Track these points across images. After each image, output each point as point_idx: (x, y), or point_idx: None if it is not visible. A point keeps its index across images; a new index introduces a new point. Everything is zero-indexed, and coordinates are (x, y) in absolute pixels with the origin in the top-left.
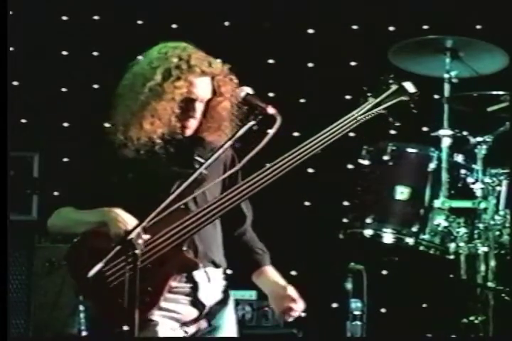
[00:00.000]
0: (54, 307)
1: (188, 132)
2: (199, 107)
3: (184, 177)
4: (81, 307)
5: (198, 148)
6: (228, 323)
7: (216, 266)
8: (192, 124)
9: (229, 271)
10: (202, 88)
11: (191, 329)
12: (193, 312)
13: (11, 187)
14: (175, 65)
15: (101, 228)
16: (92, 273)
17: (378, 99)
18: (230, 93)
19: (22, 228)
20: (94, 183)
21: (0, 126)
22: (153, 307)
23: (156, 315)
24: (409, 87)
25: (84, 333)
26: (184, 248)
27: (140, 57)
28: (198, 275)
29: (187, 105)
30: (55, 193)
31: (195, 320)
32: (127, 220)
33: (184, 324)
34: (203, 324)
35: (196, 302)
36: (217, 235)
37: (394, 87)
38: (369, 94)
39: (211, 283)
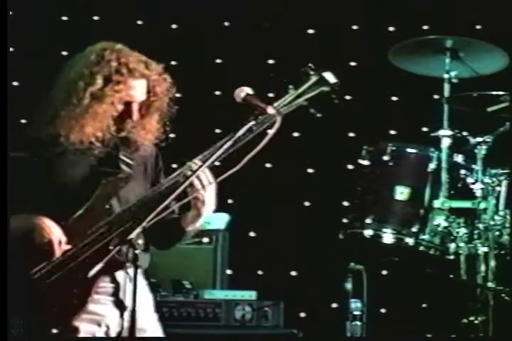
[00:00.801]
0: None
1: (123, 132)
2: (136, 108)
3: (109, 176)
4: None
5: (124, 148)
6: (151, 322)
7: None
8: (128, 125)
9: (229, 271)
10: (139, 90)
11: (113, 330)
12: (114, 313)
13: (11, 187)
14: (115, 70)
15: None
16: (91, 273)
17: (299, 91)
18: (163, 93)
19: None
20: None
21: (0, 126)
22: (80, 309)
23: (77, 320)
24: (330, 77)
25: None
26: (111, 247)
27: (71, 62)
28: (119, 275)
29: (125, 107)
30: None
31: (117, 321)
32: (52, 229)
33: (106, 326)
34: (125, 324)
35: (118, 303)
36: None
37: (314, 78)
38: (290, 87)
39: (130, 281)
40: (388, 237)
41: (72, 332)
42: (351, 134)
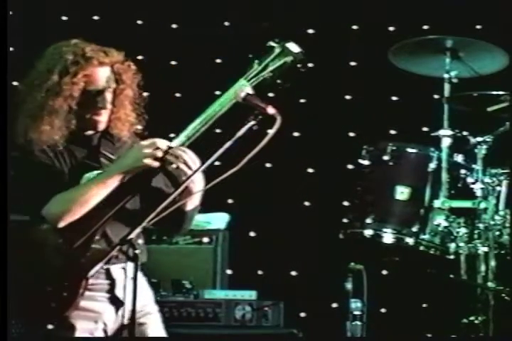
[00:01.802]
0: None
1: (101, 125)
2: (107, 98)
3: (91, 170)
4: None
5: (105, 143)
6: (152, 319)
7: (132, 259)
8: (103, 117)
9: (229, 271)
10: (103, 78)
11: (110, 327)
12: (110, 310)
13: (11, 187)
14: (71, 62)
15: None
16: (91, 273)
17: (263, 64)
18: (130, 80)
19: (22, 228)
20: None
21: (0, 126)
22: (72, 302)
23: (73, 317)
24: (293, 47)
25: None
26: (97, 237)
27: (34, 63)
28: (115, 271)
29: (91, 98)
30: None
31: (113, 318)
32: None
33: (103, 323)
34: (124, 320)
35: (114, 300)
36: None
37: (277, 50)
38: (255, 61)
39: (128, 278)
40: (388, 237)
41: (68, 329)
42: (351, 134)
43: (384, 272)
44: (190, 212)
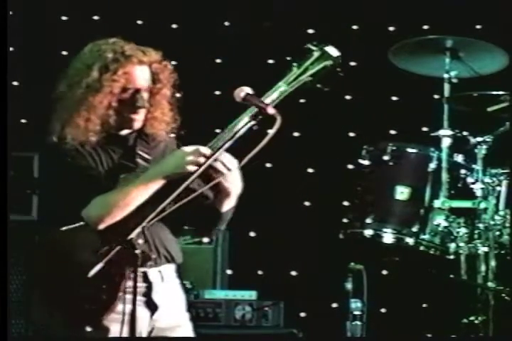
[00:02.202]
0: None
1: (137, 124)
2: (144, 97)
3: (127, 171)
4: None
5: (141, 142)
6: (183, 321)
7: (169, 261)
8: (140, 116)
9: (229, 271)
10: (141, 77)
11: (144, 331)
12: (145, 313)
13: (11, 187)
14: (111, 59)
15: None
16: (92, 273)
17: (302, 67)
18: (167, 79)
19: (22, 228)
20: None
21: (0, 126)
22: (110, 305)
23: (112, 315)
24: (332, 51)
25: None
26: (132, 236)
27: (71, 61)
28: (152, 275)
29: (130, 96)
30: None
31: (148, 321)
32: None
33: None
34: (156, 323)
35: (150, 303)
36: (166, 229)
37: (316, 53)
38: (294, 64)
39: (164, 282)
40: (388, 237)
41: (102, 332)
42: (351, 134)
43: (384, 272)
44: (226, 213)
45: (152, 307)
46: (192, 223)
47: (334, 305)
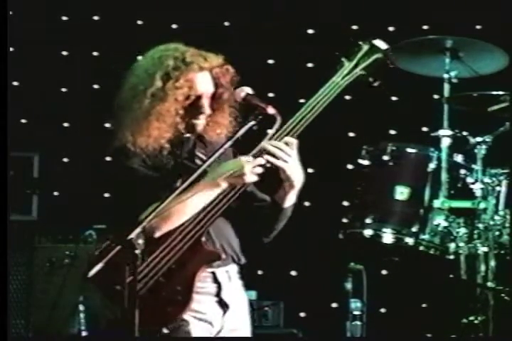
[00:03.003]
0: (54, 307)
1: (199, 128)
2: (206, 103)
3: (187, 172)
4: (81, 307)
5: (200, 145)
6: (245, 323)
7: (235, 261)
8: (202, 120)
9: None
10: (203, 83)
11: (215, 330)
12: (218, 313)
13: (11, 187)
14: (172, 67)
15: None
16: (92, 273)
17: (354, 61)
18: (229, 83)
19: (22, 228)
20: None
21: (0, 126)
22: (186, 306)
23: (187, 316)
24: (381, 44)
25: (84, 333)
26: (203, 239)
27: (132, 68)
28: (220, 275)
29: (193, 103)
30: (55, 193)
31: (220, 320)
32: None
33: (210, 324)
34: (225, 324)
35: (221, 303)
36: (231, 230)
37: (366, 47)
38: (344, 59)
39: (231, 282)
40: (388, 237)
41: (182, 332)
42: (351, 134)
43: (384, 272)
44: (287, 210)
45: (224, 306)
46: (253, 220)
47: (334, 305)
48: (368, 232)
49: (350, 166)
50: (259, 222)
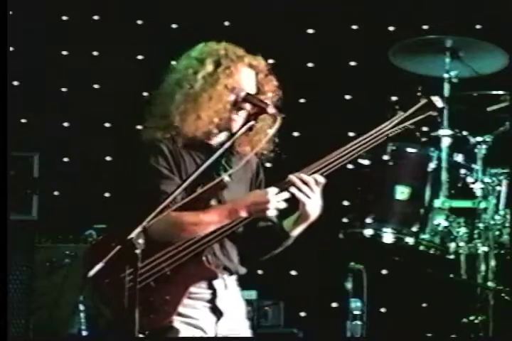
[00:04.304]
0: (54, 307)
1: (235, 126)
2: (247, 105)
3: (208, 179)
4: (81, 307)
5: (227, 155)
6: (243, 329)
7: (232, 273)
8: (240, 118)
9: None
10: (247, 80)
11: (208, 336)
12: (211, 319)
13: (11, 187)
14: (224, 55)
15: None
16: (92, 273)
17: (407, 113)
18: (270, 92)
19: (22, 228)
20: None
21: (0, 126)
22: (170, 315)
23: (176, 321)
24: (438, 101)
25: (84, 333)
26: (204, 258)
27: (179, 59)
28: (216, 282)
29: (236, 95)
30: (55, 193)
31: (213, 327)
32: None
33: (202, 330)
34: (219, 331)
35: (215, 309)
36: (233, 245)
37: (423, 101)
38: (397, 107)
39: (228, 290)
40: (388, 237)
41: (170, 334)
42: (351, 134)
43: (384, 272)
44: (292, 238)
45: (217, 313)
46: (249, 245)
47: (334, 304)
48: (368, 232)
49: (350, 166)
50: (262, 243)
